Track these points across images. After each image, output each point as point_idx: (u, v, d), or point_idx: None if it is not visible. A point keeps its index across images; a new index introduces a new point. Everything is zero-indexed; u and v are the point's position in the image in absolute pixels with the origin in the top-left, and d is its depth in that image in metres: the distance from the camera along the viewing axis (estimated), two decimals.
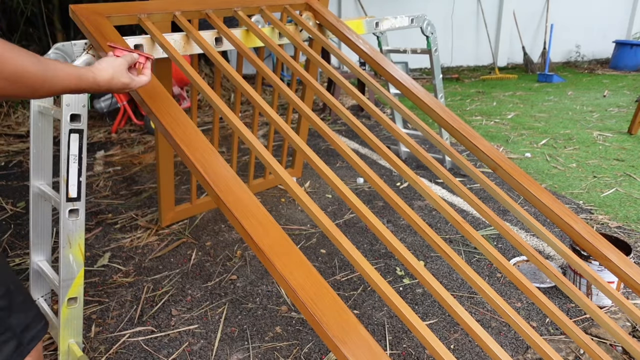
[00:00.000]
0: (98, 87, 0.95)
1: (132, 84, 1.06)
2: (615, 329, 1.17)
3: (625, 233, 2.36)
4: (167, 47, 1.51)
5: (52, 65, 0.80)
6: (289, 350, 1.63)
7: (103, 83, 0.96)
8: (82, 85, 0.89)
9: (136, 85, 1.09)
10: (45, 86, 0.79)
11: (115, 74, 0.99)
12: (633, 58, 7.70)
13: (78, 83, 0.87)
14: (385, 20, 2.44)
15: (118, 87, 1.02)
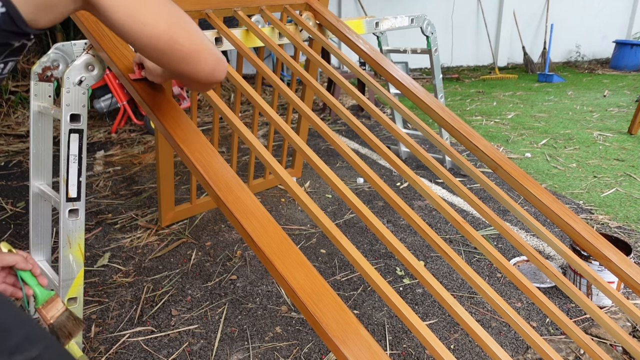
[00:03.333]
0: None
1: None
2: (615, 329, 1.17)
3: (626, 233, 2.36)
4: None
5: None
6: (289, 351, 1.63)
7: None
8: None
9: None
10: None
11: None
12: (633, 58, 7.70)
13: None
14: (385, 20, 2.44)
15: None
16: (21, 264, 0.80)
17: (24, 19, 0.58)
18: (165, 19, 0.69)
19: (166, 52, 0.71)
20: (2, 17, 0.56)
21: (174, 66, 0.74)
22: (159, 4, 0.69)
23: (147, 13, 0.67)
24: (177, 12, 0.71)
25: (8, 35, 0.59)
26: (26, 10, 0.58)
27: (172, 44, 0.70)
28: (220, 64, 0.78)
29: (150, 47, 0.70)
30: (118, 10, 0.64)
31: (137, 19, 0.66)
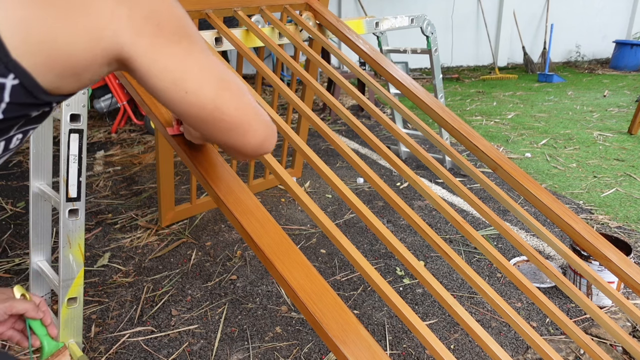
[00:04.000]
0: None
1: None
2: (615, 329, 1.17)
3: (626, 233, 2.36)
4: None
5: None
6: (289, 350, 1.63)
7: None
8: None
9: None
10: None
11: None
12: (633, 58, 7.70)
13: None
14: (385, 20, 2.44)
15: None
16: (31, 313, 0.75)
17: (43, 88, 0.50)
18: (212, 85, 0.59)
19: (209, 122, 0.61)
20: (14, 89, 0.48)
21: (217, 136, 0.65)
22: (208, 67, 0.59)
23: (192, 80, 0.57)
24: (225, 76, 0.61)
25: (23, 107, 0.51)
26: (46, 78, 0.50)
27: (217, 113, 0.61)
28: (271, 134, 0.68)
29: (191, 116, 0.61)
30: (159, 77, 0.55)
31: (180, 87, 0.57)
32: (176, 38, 0.55)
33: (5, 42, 0.46)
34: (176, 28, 0.55)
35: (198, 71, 0.58)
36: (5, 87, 0.48)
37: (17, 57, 0.47)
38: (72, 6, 0.49)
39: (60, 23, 0.48)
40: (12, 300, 0.73)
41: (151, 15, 0.53)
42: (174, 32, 0.55)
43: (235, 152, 0.69)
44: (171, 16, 0.55)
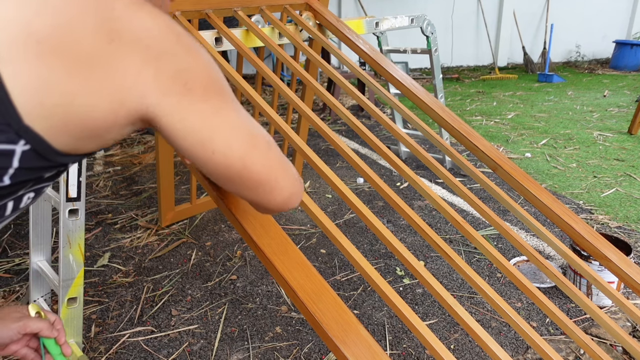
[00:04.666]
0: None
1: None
2: (615, 329, 1.17)
3: (626, 233, 2.36)
4: None
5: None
6: (289, 350, 1.63)
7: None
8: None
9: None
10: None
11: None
12: (633, 58, 7.70)
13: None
14: (385, 20, 2.44)
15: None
16: (45, 332, 0.74)
17: (58, 150, 0.47)
18: (241, 144, 0.56)
19: (235, 180, 0.59)
20: (25, 155, 0.45)
21: (242, 193, 0.62)
22: (237, 124, 0.56)
23: (220, 139, 0.54)
24: (254, 132, 0.58)
25: (35, 171, 0.48)
26: (62, 141, 0.47)
27: (244, 172, 0.57)
28: (297, 190, 0.65)
29: (217, 175, 0.58)
30: (186, 137, 0.52)
31: (207, 147, 0.53)
32: (205, 96, 0.52)
33: (17, 107, 0.43)
34: (205, 85, 0.52)
35: (226, 130, 0.55)
36: (14, 154, 0.45)
37: (30, 122, 0.44)
38: (94, 65, 0.45)
39: (80, 84, 0.45)
40: (26, 319, 0.72)
41: (179, 73, 0.49)
42: (203, 90, 0.52)
43: (260, 208, 0.66)
44: (200, 73, 0.52)
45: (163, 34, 0.48)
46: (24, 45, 0.42)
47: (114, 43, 0.45)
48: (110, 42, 0.45)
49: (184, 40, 0.50)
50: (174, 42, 0.49)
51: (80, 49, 0.44)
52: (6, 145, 0.44)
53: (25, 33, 0.42)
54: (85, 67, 0.44)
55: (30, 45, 0.42)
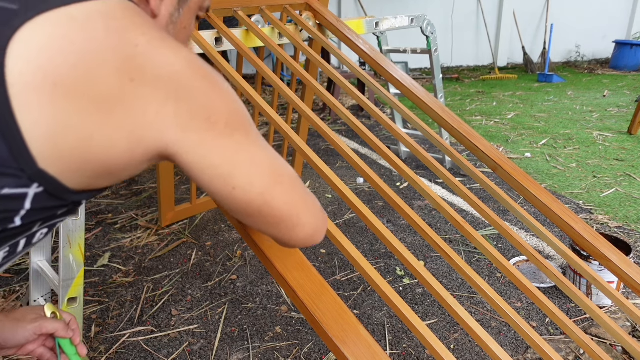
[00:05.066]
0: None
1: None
2: (615, 328, 1.17)
3: (625, 233, 2.36)
4: None
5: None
6: (289, 350, 1.63)
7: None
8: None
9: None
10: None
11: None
12: (633, 58, 7.70)
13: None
14: (385, 20, 2.45)
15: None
16: (61, 332, 0.74)
17: (72, 189, 0.46)
18: (263, 180, 0.54)
19: (256, 216, 0.56)
20: (38, 196, 0.44)
21: (263, 229, 0.60)
22: (260, 160, 0.54)
23: (241, 176, 0.52)
24: (277, 168, 0.56)
25: (47, 210, 0.47)
26: (76, 181, 0.45)
27: (265, 209, 0.55)
28: (321, 226, 0.63)
29: (237, 211, 0.56)
30: (206, 173, 0.50)
31: (228, 183, 0.51)
32: (227, 131, 0.50)
33: (32, 152, 0.41)
34: (227, 120, 0.50)
35: (248, 166, 0.53)
36: (26, 196, 0.43)
37: (44, 166, 0.42)
38: (114, 104, 0.43)
39: (98, 124, 0.43)
40: (42, 320, 0.72)
41: (201, 108, 0.48)
42: (224, 125, 0.50)
43: (282, 243, 0.64)
44: (223, 107, 0.50)
45: (185, 70, 0.47)
46: (41, 88, 0.40)
47: (135, 81, 0.43)
48: (131, 80, 0.43)
49: (207, 75, 0.49)
50: (197, 77, 0.48)
51: (99, 89, 0.42)
52: (18, 190, 0.43)
53: (43, 75, 0.40)
54: (104, 107, 0.43)
55: (47, 87, 0.40)
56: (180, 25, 0.63)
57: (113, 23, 0.44)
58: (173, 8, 0.60)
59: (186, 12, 0.63)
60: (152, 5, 0.57)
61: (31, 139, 0.41)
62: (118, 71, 0.42)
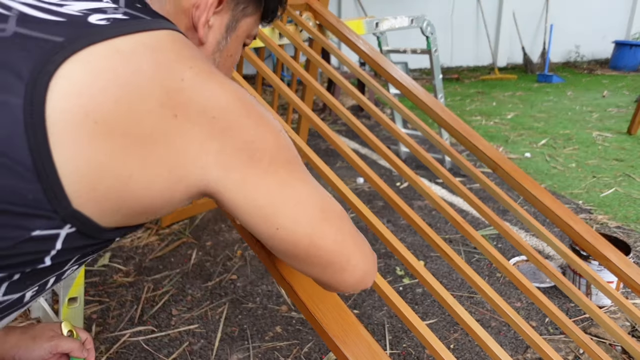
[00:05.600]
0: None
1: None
2: (614, 328, 1.17)
3: (625, 233, 2.37)
4: None
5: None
6: (289, 350, 1.63)
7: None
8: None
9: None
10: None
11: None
12: (632, 58, 7.70)
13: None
14: (385, 20, 2.45)
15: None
16: (76, 352, 0.72)
17: (106, 228, 0.44)
18: (309, 219, 0.50)
19: (301, 258, 0.53)
20: (70, 236, 0.42)
21: (309, 272, 0.56)
22: (306, 197, 0.50)
23: (286, 215, 0.49)
24: (325, 205, 0.52)
25: (79, 249, 0.45)
26: (110, 220, 0.44)
27: (312, 250, 0.51)
28: (371, 268, 0.58)
29: (282, 252, 0.52)
30: (249, 213, 0.47)
31: (272, 223, 0.48)
32: (272, 168, 0.47)
33: (67, 192, 0.39)
34: (273, 156, 0.47)
35: (294, 204, 0.49)
36: (58, 237, 0.42)
37: (79, 206, 0.41)
38: (155, 142, 0.41)
39: (138, 163, 0.41)
40: (58, 339, 0.71)
41: (245, 146, 0.45)
42: (269, 162, 0.47)
43: (329, 287, 0.59)
44: (268, 144, 0.47)
45: (232, 105, 0.45)
46: (81, 126, 0.38)
47: (179, 117, 0.42)
48: (175, 116, 0.41)
49: (253, 110, 0.47)
50: (243, 113, 0.46)
51: (141, 127, 0.40)
52: (50, 231, 0.41)
53: (84, 112, 0.38)
54: (144, 145, 0.41)
55: (87, 125, 0.38)
56: (226, 53, 0.62)
57: (160, 56, 0.42)
58: (221, 36, 0.59)
59: (233, 39, 0.62)
60: (199, 33, 0.56)
61: (67, 179, 0.39)
62: (162, 106, 0.41)
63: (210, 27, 0.58)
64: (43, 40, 0.39)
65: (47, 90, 0.37)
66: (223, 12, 0.58)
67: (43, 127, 0.37)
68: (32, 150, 0.37)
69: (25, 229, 0.39)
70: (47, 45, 0.38)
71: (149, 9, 0.50)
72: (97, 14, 0.42)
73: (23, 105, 0.37)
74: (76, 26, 0.40)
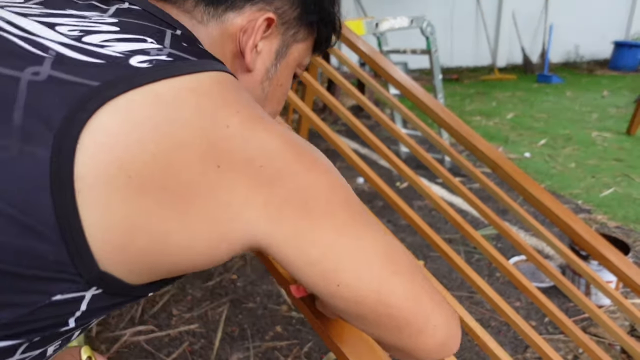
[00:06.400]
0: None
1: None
2: (613, 328, 1.17)
3: (624, 233, 2.37)
4: None
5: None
6: (289, 350, 1.63)
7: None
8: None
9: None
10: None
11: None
12: (632, 58, 7.71)
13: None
14: (385, 20, 2.45)
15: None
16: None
17: (134, 286, 0.40)
18: (375, 272, 0.43)
19: (368, 318, 0.44)
20: (95, 297, 0.39)
21: (379, 335, 0.47)
22: (369, 246, 0.43)
23: (347, 269, 0.42)
24: (392, 254, 0.44)
25: (105, 309, 0.41)
26: (140, 279, 0.40)
27: (380, 308, 0.43)
28: (454, 331, 0.47)
29: (345, 311, 0.45)
30: (304, 269, 0.41)
31: (331, 279, 0.42)
32: (328, 216, 0.41)
33: (94, 253, 0.36)
34: (328, 203, 0.42)
35: (354, 256, 0.42)
36: (83, 299, 0.38)
37: (106, 268, 0.37)
38: (194, 196, 0.37)
39: (175, 221, 0.37)
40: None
41: (296, 194, 0.40)
42: (325, 210, 0.41)
43: (405, 355, 0.49)
44: (321, 189, 0.42)
45: (280, 151, 0.40)
46: (113, 182, 0.35)
47: (222, 167, 0.37)
48: (218, 166, 0.37)
49: (303, 153, 0.42)
50: (292, 158, 0.41)
51: (181, 180, 0.36)
52: (74, 294, 0.37)
53: (117, 165, 0.35)
54: (184, 200, 0.37)
55: (121, 179, 0.35)
56: (276, 82, 0.58)
57: (204, 101, 0.38)
58: (270, 62, 0.56)
59: (283, 67, 0.58)
60: (247, 59, 0.53)
61: (95, 240, 0.35)
62: (203, 156, 0.37)
63: (258, 52, 0.54)
64: (78, 85, 0.35)
65: (78, 141, 0.34)
66: (272, 36, 0.55)
67: (70, 182, 0.34)
68: (56, 207, 0.33)
69: (45, 293, 0.35)
70: (81, 90, 0.35)
71: (196, 48, 0.45)
72: (139, 55, 0.39)
73: (50, 157, 0.33)
74: (115, 69, 0.37)
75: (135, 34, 0.42)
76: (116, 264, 0.37)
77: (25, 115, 0.34)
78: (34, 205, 0.33)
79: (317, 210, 0.41)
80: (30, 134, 0.34)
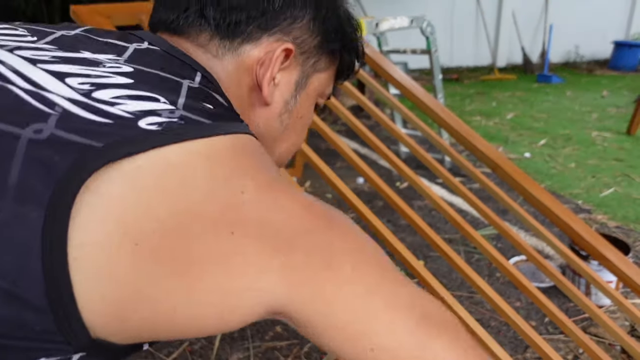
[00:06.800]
0: None
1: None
2: (613, 328, 1.17)
3: (624, 233, 2.37)
4: None
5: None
6: (289, 350, 1.63)
7: None
8: None
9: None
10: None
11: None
12: (632, 58, 7.71)
13: None
14: (385, 20, 2.45)
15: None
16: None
17: (132, 345, 0.37)
18: (411, 335, 0.38)
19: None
20: (82, 359, 0.35)
21: None
22: (405, 305, 0.39)
23: (380, 332, 0.38)
24: (431, 311, 0.41)
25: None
26: (135, 341, 0.37)
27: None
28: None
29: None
30: (331, 333, 0.38)
31: (364, 345, 0.37)
32: (354, 274, 0.38)
33: (86, 323, 0.33)
34: (354, 261, 0.38)
35: (387, 318, 0.38)
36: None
37: (100, 335, 0.34)
38: (205, 265, 0.34)
39: (184, 290, 0.34)
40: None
41: (316, 250, 0.37)
42: (352, 269, 0.38)
43: None
44: (345, 247, 0.39)
45: (299, 214, 0.38)
46: (116, 247, 0.32)
47: (236, 234, 0.35)
48: (231, 233, 0.35)
49: (321, 213, 0.40)
50: (310, 219, 0.39)
51: (191, 249, 0.34)
52: (60, 357, 0.34)
53: (122, 231, 0.32)
54: (192, 270, 0.34)
55: (125, 246, 0.32)
56: (296, 114, 0.56)
57: (217, 167, 0.36)
58: (289, 94, 0.54)
59: (303, 99, 0.56)
60: (264, 92, 0.51)
61: (88, 310, 0.33)
62: (216, 224, 0.34)
63: (276, 85, 0.52)
64: (81, 145, 0.33)
65: (74, 202, 0.31)
66: (291, 67, 0.52)
67: (64, 249, 0.31)
68: (46, 274, 0.31)
69: (28, 358, 0.33)
70: (83, 150, 0.33)
71: (212, 105, 0.43)
72: (150, 116, 0.36)
73: (44, 219, 0.31)
74: (123, 130, 0.35)
75: (148, 90, 0.39)
76: (113, 335, 0.35)
77: (22, 174, 0.31)
78: (23, 273, 0.31)
79: (343, 270, 0.38)
80: (25, 194, 0.31)
